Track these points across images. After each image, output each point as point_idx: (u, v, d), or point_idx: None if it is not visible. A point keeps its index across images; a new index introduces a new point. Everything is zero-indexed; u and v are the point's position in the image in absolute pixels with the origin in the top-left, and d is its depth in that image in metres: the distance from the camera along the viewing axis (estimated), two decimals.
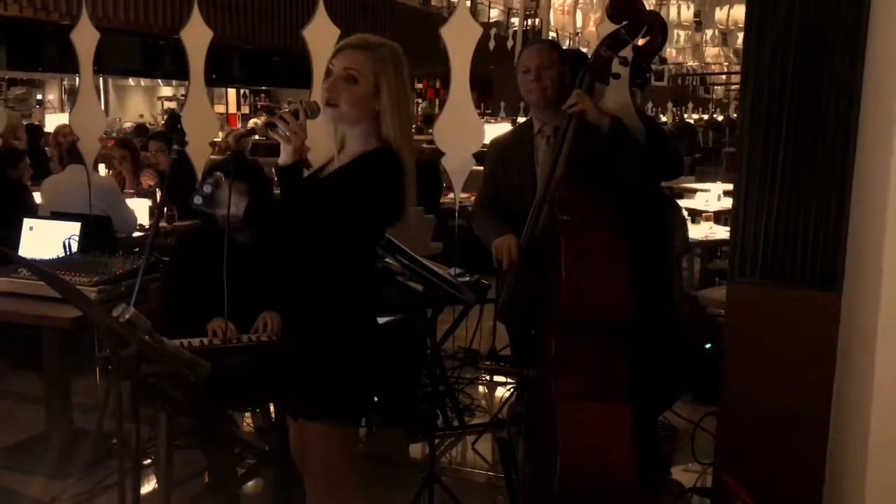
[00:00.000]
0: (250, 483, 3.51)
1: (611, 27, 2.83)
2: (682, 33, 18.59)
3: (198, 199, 2.90)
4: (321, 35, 3.72)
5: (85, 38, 4.32)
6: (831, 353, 2.46)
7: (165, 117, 15.59)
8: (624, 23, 2.78)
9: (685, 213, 5.36)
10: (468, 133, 3.59)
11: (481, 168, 3.32)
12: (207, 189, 2.82)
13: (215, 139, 12.37)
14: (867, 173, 2.29)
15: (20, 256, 1.94)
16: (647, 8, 2.96)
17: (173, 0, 10.77)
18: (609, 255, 2.59)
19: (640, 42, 2.86)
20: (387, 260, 3.34)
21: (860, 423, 2.17)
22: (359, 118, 2.20)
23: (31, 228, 4.12)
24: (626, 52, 2.86)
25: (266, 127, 2.15)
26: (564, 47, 3.48)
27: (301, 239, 2.22)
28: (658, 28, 2.87)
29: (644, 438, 3.05)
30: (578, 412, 2.38)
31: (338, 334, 2.23)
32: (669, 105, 20.26)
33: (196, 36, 3.98)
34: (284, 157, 2.12)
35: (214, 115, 3.44)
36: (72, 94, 15.78)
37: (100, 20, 9.52)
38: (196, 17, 4.00)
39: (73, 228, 4.00)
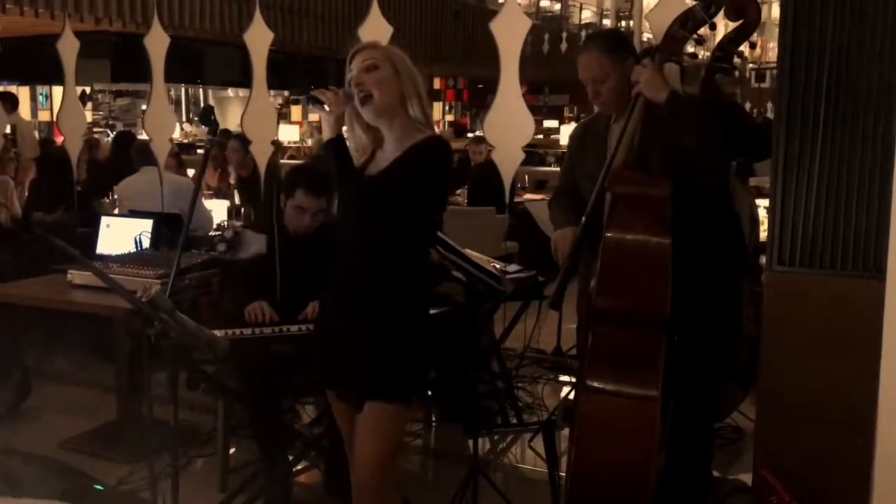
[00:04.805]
0: (302, 469, 3.59)
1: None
2: None
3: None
4: (376, 33, 3.80)
5: (156, 44, 4.54)
6: (876, 343, 2.35)
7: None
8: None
9: (763, 211, 5.17)
10: (517, 127, 3.60)
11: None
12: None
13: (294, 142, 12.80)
14: None
15: (51, 237, 2.06)
16: None
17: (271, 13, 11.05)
18: (650, 248, 2.51)
19: (732, 25, 2.62)
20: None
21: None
22: (393, 107, 2.30)
23: (107, 226, 4.37)
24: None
25: (308, 101, 2.31)
26: None
27: (366, 227, 2.29)
28: (750, 9, 2.56)
29: (697, 441, 2.97)
30: (598, 405, 2.32)
31: (394, 316, 2.30)
32: (770, 105, 19.56)
33: (258, 38, 4.12)
34: (327, 131, 2.28)
35: (275, 115, 3.57)
36: (175, 103, 16.48)
37: (196, 32, 9.94)
38: (258, 20, 4.15)
39: (146, 225, 4.20)
